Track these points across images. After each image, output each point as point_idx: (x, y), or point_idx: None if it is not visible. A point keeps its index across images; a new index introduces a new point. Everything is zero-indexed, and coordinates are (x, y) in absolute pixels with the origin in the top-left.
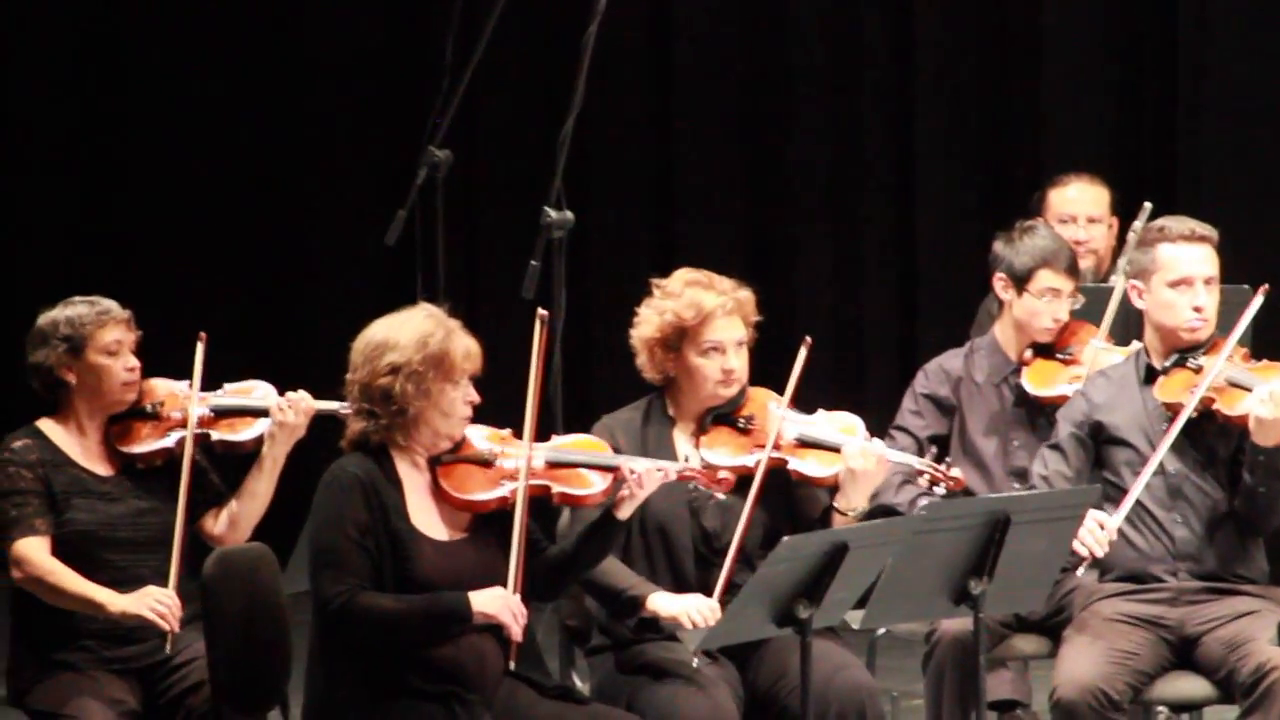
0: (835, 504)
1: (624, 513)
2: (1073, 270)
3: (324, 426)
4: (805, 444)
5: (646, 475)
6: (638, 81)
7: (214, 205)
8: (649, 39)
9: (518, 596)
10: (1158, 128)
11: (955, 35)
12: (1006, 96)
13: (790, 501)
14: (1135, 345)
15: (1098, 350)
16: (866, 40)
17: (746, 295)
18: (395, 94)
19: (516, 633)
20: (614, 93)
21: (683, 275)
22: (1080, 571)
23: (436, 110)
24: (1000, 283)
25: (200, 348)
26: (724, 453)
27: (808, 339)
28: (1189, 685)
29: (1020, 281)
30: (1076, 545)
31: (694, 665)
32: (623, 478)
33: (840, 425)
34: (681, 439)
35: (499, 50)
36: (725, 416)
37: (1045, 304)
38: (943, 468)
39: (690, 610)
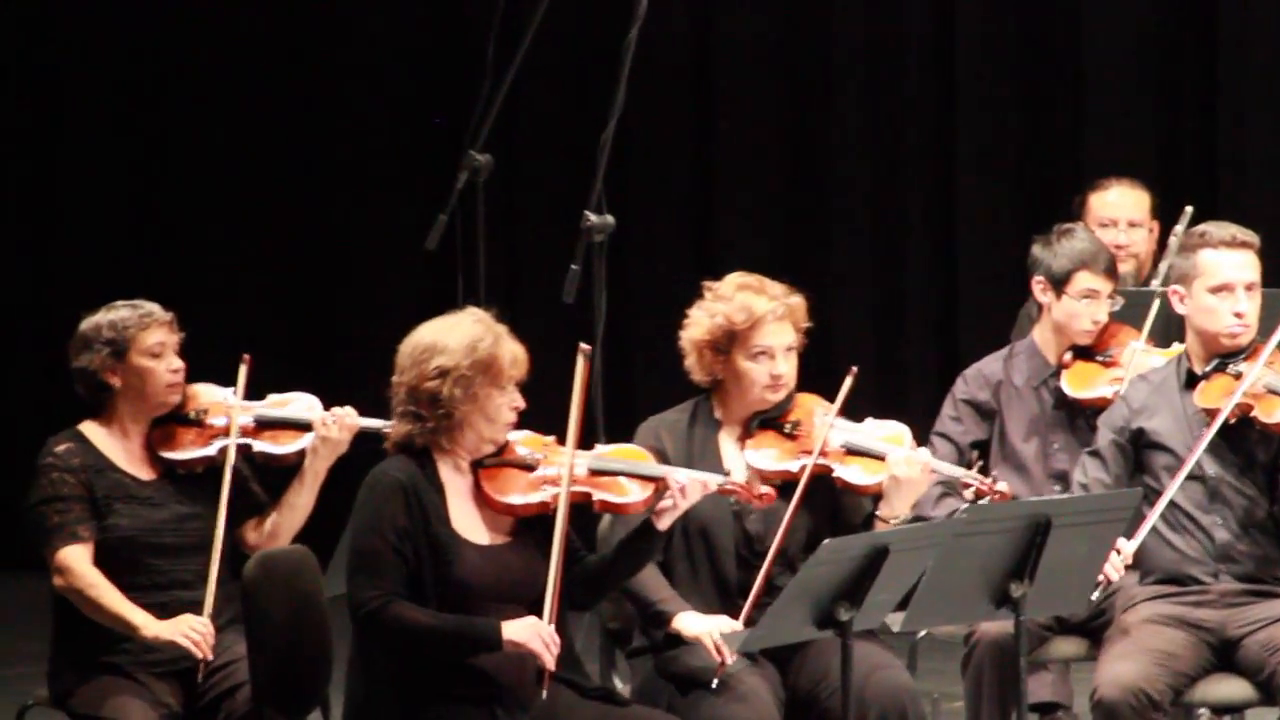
0: (878, 512)
1: (664, 524)
2: (1111, 272)
3: (367, 441)
4: (851, 451)
5: (689, 486)
6: (679, 85)
7: (253, 209)
8: (690, 43)
9: (551, 626)
10: (1199, 131)
11: (996, 41)
12: (1047, 101)
13: (834, 507)
14: (1176, 347)
15: (1137, 352)
16: (907, 46)
17: (798, 301)
18: (436, 98)
19: (549, 661)
20: (655, 96)
21: (734, 279)
22: (1094, 596)
23: (479, 111)
24: (1039, 285)
25: (244, 369)
26: (769, 457)
27: (854, 368)
28: (1230, 687)
29: (1059, 284)
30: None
31: (713, 686)
32: (665, 488)
33: (888, 434)
34: (727, 442)
35: (540, 53)
36: (772, 421)
37: (1084, 305)
38: (989, 481)
39: (713, 632)
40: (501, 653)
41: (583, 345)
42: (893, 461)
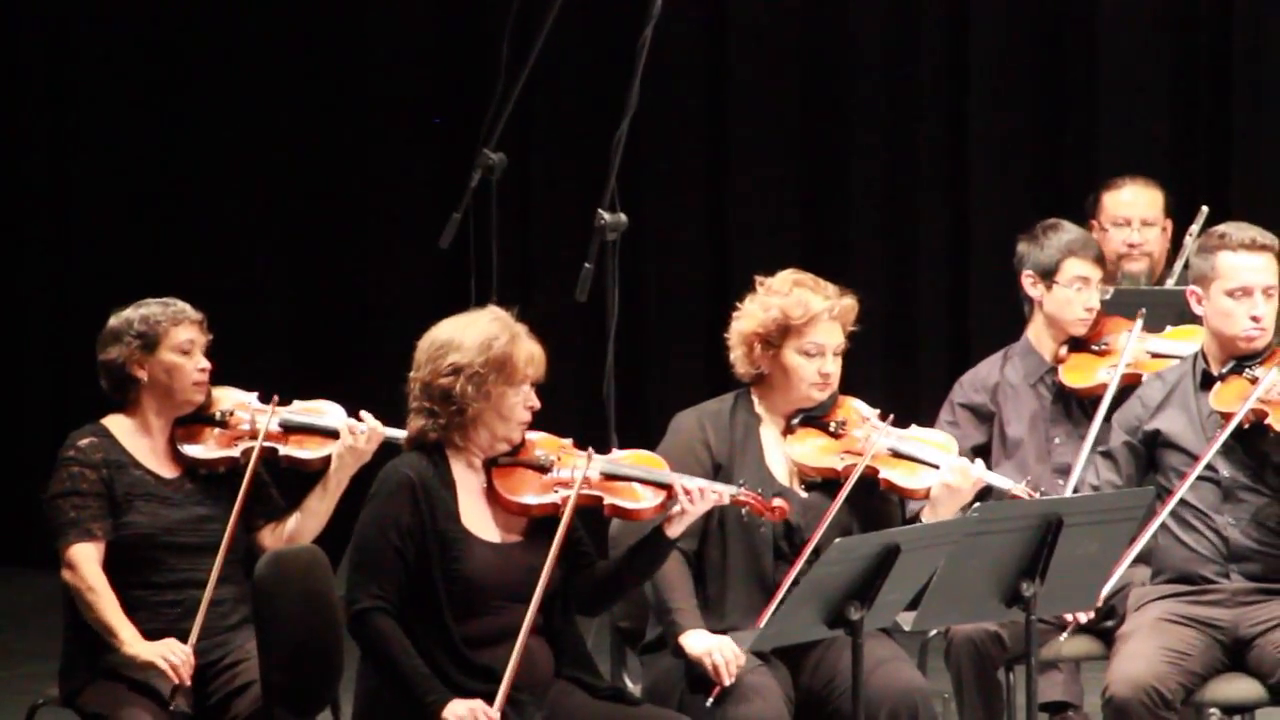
0: (923, 517)
1: (674, 531)
2: (1099, 260)
3: (389, 450)
4: (899, 456)
5: (699, 495)
6: (692, 83)
7: (268, 208)
8: (704, 41)
9: (497, 712)
10: (1214, 129)
11: (1010, 37)
12: (1061, 98)
13: (869, 509)
14: (1170, 330)
15: (1134, 337)
16: (922, 43)
17: (851, 303)
18: (450, 96)
19: None
20: (669, 95)
21: (789, 275)
22: (1063, 637)
23: (493, 109)
24: (1029, 280)
25: (272, 407)
26: (813, 452)
27: (890, 416)
28: (1241, 687)
29: (1048, 275)
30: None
31: (708, 704)
32: (675, 496)
33: (937, 441)
34: (769, 435)
35: (554, 52)
36: (815, 419)
37: (1076, 293)
38: (1037, 495)
39: (714, 653)
40: (510, 650)
41: (592, 452)
42: (946, 469)
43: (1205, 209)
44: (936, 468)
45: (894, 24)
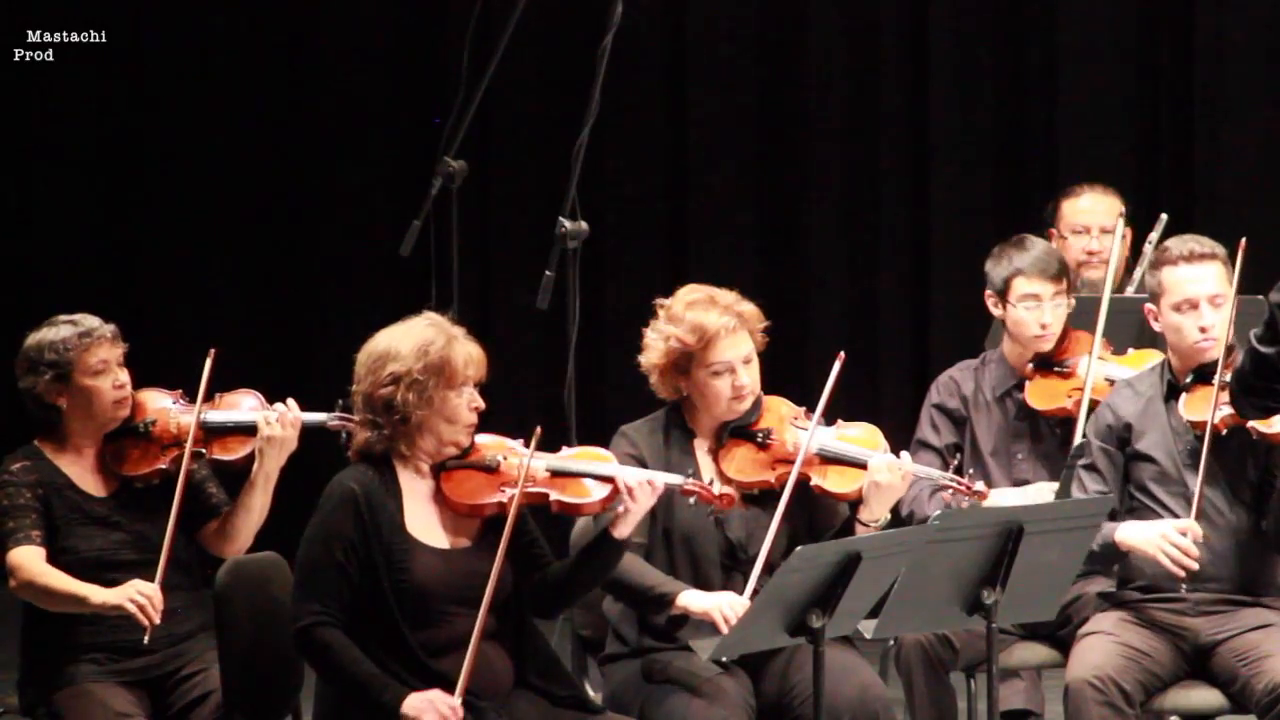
0: (859, 516)
1: (621, 531)
2: (1055, 276)
3: (320, 438)
4: (828, 459)
5: (638, 489)
6: (653, 92)
7: (227, 215)
8: (664, 48)
9: (458, 699)
10: (1174, 135)
11: (970, 43)
12: (1022, 103)
13: (811, 512)
14: (1132, 354)
15: (1095, 361)
16: (882, 53)
17: (749, 308)
18: (410, 104)
19: None
20: (629, 103)
21: (684, 295)
22: (1184, 589)
23: (453, 117)
24: (990, 299)
25: (209, 364)
26: (745, 468)
27: (842, 354)
28: (1202, 695)
29: (1002, 295)
30: (1168, 565)
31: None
32: (618, 490)
33: (862, 437)
34: (702, 451)
35: (515, 59)
36: (742, 430)
37: (1027, 311)
38: (965, 481)
39: (723, 607)
40: (472, 657)
41: (538, 430)
42: (874, 468)
43: (1164, 217)
44: (865, 466)
45: (854, 35)
